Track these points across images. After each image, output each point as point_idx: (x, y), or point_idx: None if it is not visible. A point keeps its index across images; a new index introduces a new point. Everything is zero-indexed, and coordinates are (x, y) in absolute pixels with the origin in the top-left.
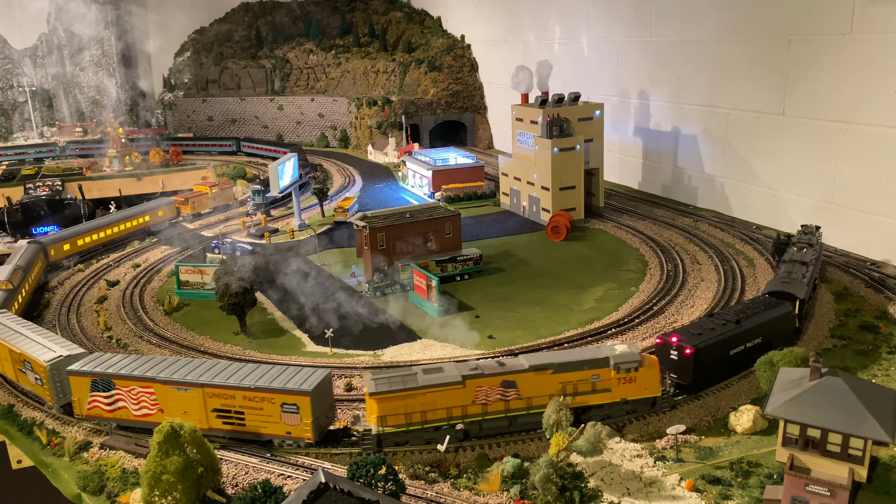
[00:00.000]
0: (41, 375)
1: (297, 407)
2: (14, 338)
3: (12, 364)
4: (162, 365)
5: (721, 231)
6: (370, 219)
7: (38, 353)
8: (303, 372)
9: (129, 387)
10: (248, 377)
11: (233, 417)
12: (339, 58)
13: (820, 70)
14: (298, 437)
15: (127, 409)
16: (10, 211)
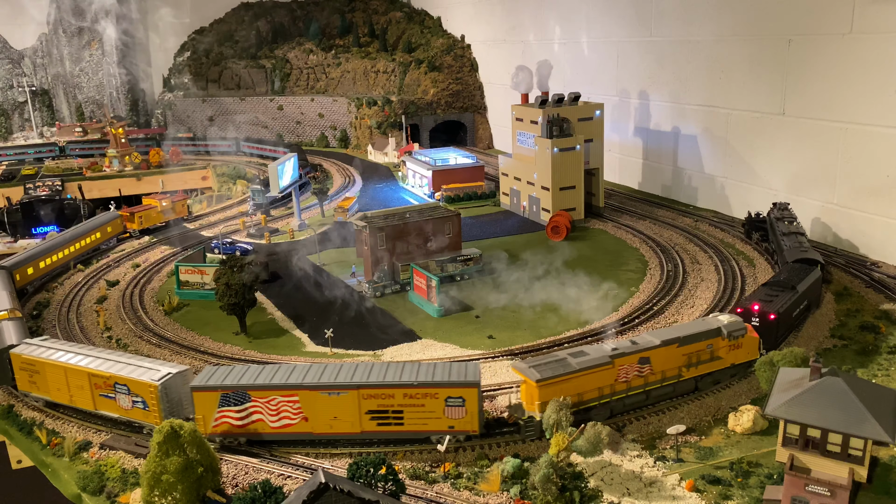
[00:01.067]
0: (147, 397)
1: (462, 400)
2: (89, 362)
3: (90, 391)
4: (298, 372)
5: (721, 231)
6: (370, 219)
7: (138, 373)
8: (455, 365)
9: (269, 397)
10: (400, 375)
11: (390, 418)
12: (339, 58)
13: (820, 70)
14: (462, 431)
15: (263, 421)
16: (10, 211)
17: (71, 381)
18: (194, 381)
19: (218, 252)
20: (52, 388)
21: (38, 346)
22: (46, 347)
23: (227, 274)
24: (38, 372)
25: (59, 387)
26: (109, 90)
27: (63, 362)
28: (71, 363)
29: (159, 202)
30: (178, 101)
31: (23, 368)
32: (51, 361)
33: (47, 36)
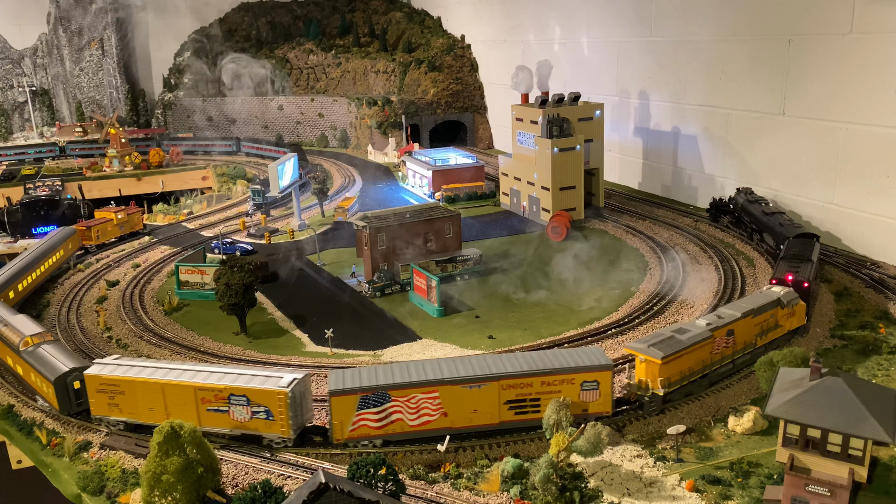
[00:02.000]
0: (273, 406)
1: (597, 383)
2: (191, 376)
3: (196, 406)
4: (435, 368)
5: (721, 231)
6: (370, 219)
7: (257, 382)
8: (582, 350)
9: (409, 395)
10: (536, 363)
11: (527, 406)
12: (339, 58)
13: (820, 70)
14: (596, 413)
15: (402, 420)
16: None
17: (170, 398)
18: (330, 385)
19: (218, 252)
20: (142, 408)
21: (113, 365)
22: (120, 365)
23: (227, 274)
24: (124, 392)
25: (153, 405)
26: (109, 90)
27: (160, 379)
28: (172, 379)
29: (115, 215)
30: (178, 101)
31: (102, 391)
32: (142, 379)
33: (47, 36)
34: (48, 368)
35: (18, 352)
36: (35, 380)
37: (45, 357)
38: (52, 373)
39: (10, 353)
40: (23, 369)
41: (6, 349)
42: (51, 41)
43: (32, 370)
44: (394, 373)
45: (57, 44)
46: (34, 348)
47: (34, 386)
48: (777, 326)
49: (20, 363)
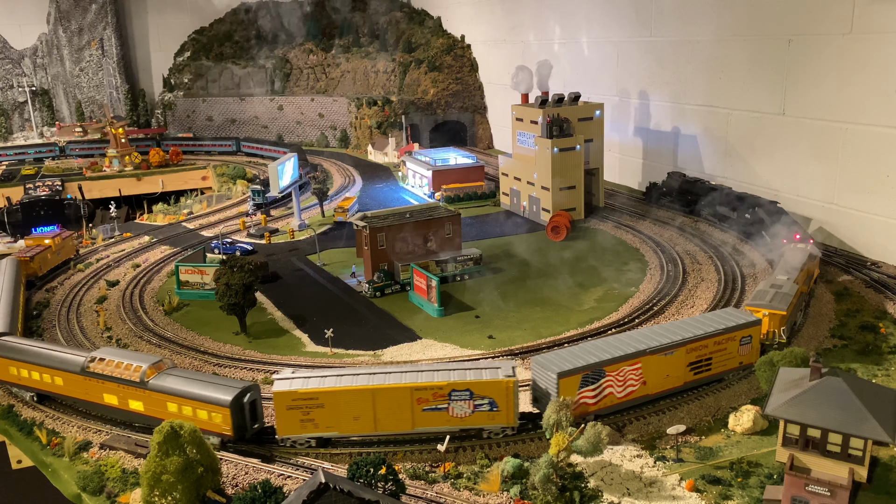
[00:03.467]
0: (499, 396)
1: (751, 337)
2: (397, 378)
3: (411, 407)
4: (633, 341)
5: (721, 231)
6: (370, 219)
7: (477, 375)
8: (722, 312)
9: (619, 369)
10: (701, 328)
11: (702, 366)
12: (339, 58)
13: (820, 70)
14: (748, 363)
15: (612, 394)
16: (10, 211)
17: (381, 403)
18: (555, 367)
19: (218, 252)
20: (345, 419)
21: (298, 378)
22: (307, 378)
23: (227, 274)
24: (323, 405)
25: (359, 414)
26: (109, 90)
27: (370, 385)
28: (383, 383)
29: (52, 241)
30: (178, 101)
31: (294, 407)
32: (349, 388)
33: (47, 36)
34: (214, 392)
35: (144, 385)
36: (181, 410)
37: (193, 382)
38: (224, 395)
39: (122, 389)
40: (148, 403)
41: (113, 387)
42: (51, 41)
43: (176, 400)
44: (604, 349)
45: (57, 44)
46: (161, 377)
47: (175, 418)
48: (811, 278)
49: (144, 397)
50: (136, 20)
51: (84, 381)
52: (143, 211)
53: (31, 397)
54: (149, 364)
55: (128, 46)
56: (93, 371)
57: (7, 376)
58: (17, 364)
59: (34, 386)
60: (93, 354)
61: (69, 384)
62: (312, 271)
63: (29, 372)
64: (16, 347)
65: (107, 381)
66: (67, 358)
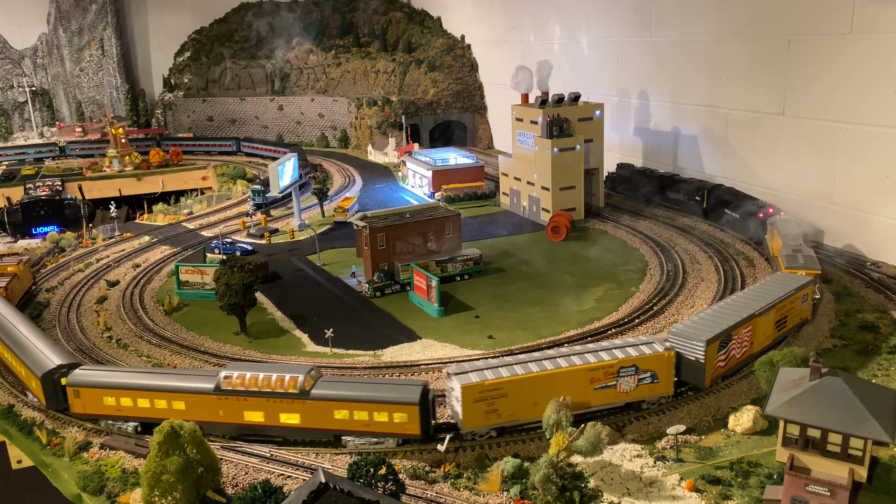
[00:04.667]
0: (660, 368)
1: (807, 296)
2: (568, 362)
3: (585, 385)
4: (742, 306)
5: (721, 231)
6: (370, 219)
7: (638, 350)
8: (774, 278)
9: (739, 332)
10: (774, 291)
11: (782, 323)
12: (339, 58)
13: (820, 70)
14: (804, 319)
15: (734, 356)
16: (10, 211)
17: (560, 386)
18: (702, 335)
19: (218, 252)
20: (525, 406)
21: (476, 371)
22: (481, 370)
23: (227, 274)
24: (506, 395)
25: (538, 399)
26: (109, 90)
27: (551, 370)
28: (560, 367)
29: (18, 266)
30: (178, 101)
31: (480, 399)
32: (532, 375)
33: (47, 36)
34: (395, 393)
35: (307, 395)
36: (352, 416)
37: (362, 385)
38: (410, 395)
39: (273, 403)
40: (308, 414)
41: (259, 403)
42: (51, 41)
43: (347, 406)
44: (725, 315)
45: (57, 44)
46: (321, 385)
47: (345, 427)
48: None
49: (304, 408)
50: (136, 20)
51: (219, 400)
52: (143, 211)
53: (134, 428)
54: (305, 373)
55: (128, 46)
56: (231, 389)
57: (101, 409)
58: (117, 393)
59: (141, 415)
60: (225, 372)
61: (196, 407)
62: (312, 271)
63: (134, 400)
64: (111, 375)
65: (252, 397)
66: (190, 379)
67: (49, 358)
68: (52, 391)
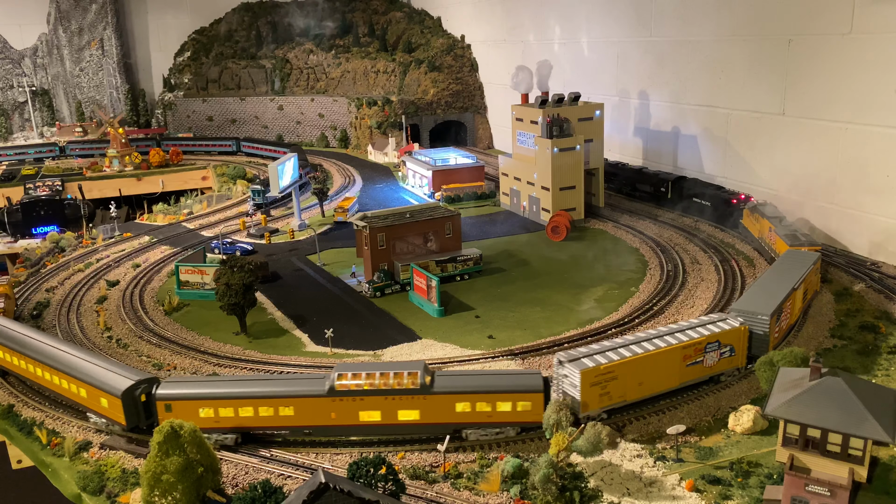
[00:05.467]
0: (738, 342)
1: (818, 270)
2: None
3: (680, 363)
4: (770, 280)
5: (721, 231)
6: (370, 219)
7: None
8: (786, 255)
9: (786, 304)
10: (800, 267)
11: (806, 295)
12: (339, 58)
13: (820, 70)
14: (815, 291)
15: (782, 327)
16: (10, 211)
17: (660, 365)
18: (765, 309)
19: (218, 252)
20: (632, 386)
21: (588, 356)
22: (590, 354)
23: (227, 274)
24: (616, 377)
25: (643, 379)
26: (109, 90)
27: (651, 350)
28: (657, 347)
29: (5, 286)
30: (178, 101)
31: (595, 383)
32: (638, 356)
33: (47, 36)
34: (518, 381)
35: (428, 390)
36: (475, 408)
37: (479, 377)
38: (535, 381)
39: (392, 401)
40: (428, 409)
41: (377, 402)
42: (51, 41)
43: (469, 398)
44: (774, 290)
45: (57, 44)
46: (437, 379)
47: (466, 419)
48: None
49: (424, 404)
50: (136, 20)
51: (332, 403)
52: (143, 211)
53: (235, 440)
54: (422, 369)
55: (128, 46)
56: (346, 390)
57: (198, 422)
58: (215, 404)
59: (243, 425)
60: (338, 373)
61: (306, 411)
62: (312, 271)
63: (235, 410)
64: (205, 386)
65: (369, 396)
66: (296, 383)
67: (122, 376)
68: (134, 409)
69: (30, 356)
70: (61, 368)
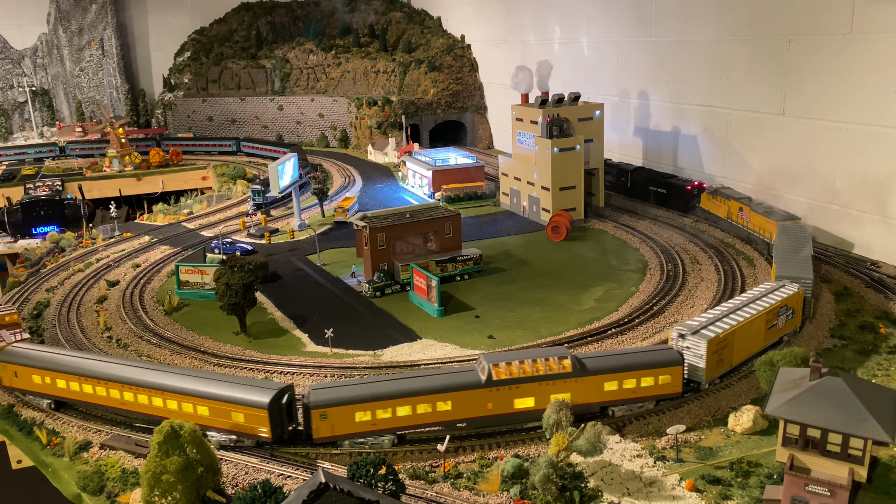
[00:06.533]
0: (797, 304)
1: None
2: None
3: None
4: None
5: (721, 231)
6: (370, 219)
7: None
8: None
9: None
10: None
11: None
12: (339, 58)
13: (820, 70)
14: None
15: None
16: (10, 211)
17: (754, 329)
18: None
19: (218, 252)
20: (738, 352)
21: (696, 329)
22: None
23: (227, 274)
24: (728, 345)
25: (745, 345)
26: (109, 90)
27: (751, 316)
28: (754, 313)
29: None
30: (178, 101)
31: (715, 351)
32: (742, 323)
33: (47, 36)
34: (657, 357)
35: (580, 371)
36: (621, 385)
37: (617, 357)
38: (671, 357)
39: (545, 387)
40: (579, 391)
41: (531, 389)
42: (51, 41)
43: (617, 377)
44: (799, 265)
45: (57, 44)
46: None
47: (613, 397)
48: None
49: (576, 386)
50: (136, 20)
51: (489, 393)
52: (143, 211)
53: (392, 441)
54: (568, 354)
55: (128, 46)
56: (503, 379)
57: (354, 427)
58: (372, 406)
59: (401, 425)
60: (490, 363)
61: (464, 404)
62: (312, 271)
63: (393, 411)
64: (356, 390)
65: (524, 383)
66: (448, 377)
67: (258, 387)
68: (279, 419)
69: (113, 380)
70: (168, 388)
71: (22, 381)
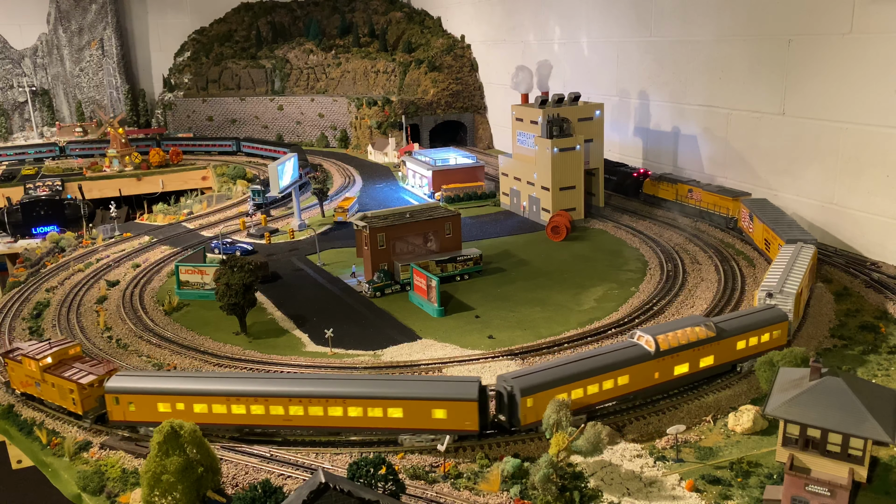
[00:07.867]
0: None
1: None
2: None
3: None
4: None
5: (721, 231)
6: (370, 219)
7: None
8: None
9: None
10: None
11: None
12: (339, 58)
13: (820, 70)
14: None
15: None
16: (10, 211)
17: (805, 283)
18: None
19: (218, 252)
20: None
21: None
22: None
23: (227, 274)
24: (801, 296)
25: (804, 297)
26: (109, 90)
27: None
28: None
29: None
30: (178, 101)
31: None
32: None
33: (47, 36)
34: (770, 314)
35: (721, 335)
36: (748, 343)
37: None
38: (778, 315)
39: (698, 351)
40: (720, 353)
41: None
42: (51, 41)
43: (745, 336)
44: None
45: (57, 44)
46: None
47: (745, 353)
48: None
49: (718, 349)
50: (136, 20)
51: (658, 363)
52: (143, 211)
53: (583, 419)
54: (706, 321)
55: (128, 46)
56: (669, 348)
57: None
58: (567, 388)
59: (589, 403)
60: (650, 336)
61: (638, 376)
62: (312, 271)
63: (584, 390)
64: (551, 374)
65: (682, 351)
66: (624, 353)
67: (457, 383)
68: (485, 411)
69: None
70: (348, 395)
71: (142, 412)
